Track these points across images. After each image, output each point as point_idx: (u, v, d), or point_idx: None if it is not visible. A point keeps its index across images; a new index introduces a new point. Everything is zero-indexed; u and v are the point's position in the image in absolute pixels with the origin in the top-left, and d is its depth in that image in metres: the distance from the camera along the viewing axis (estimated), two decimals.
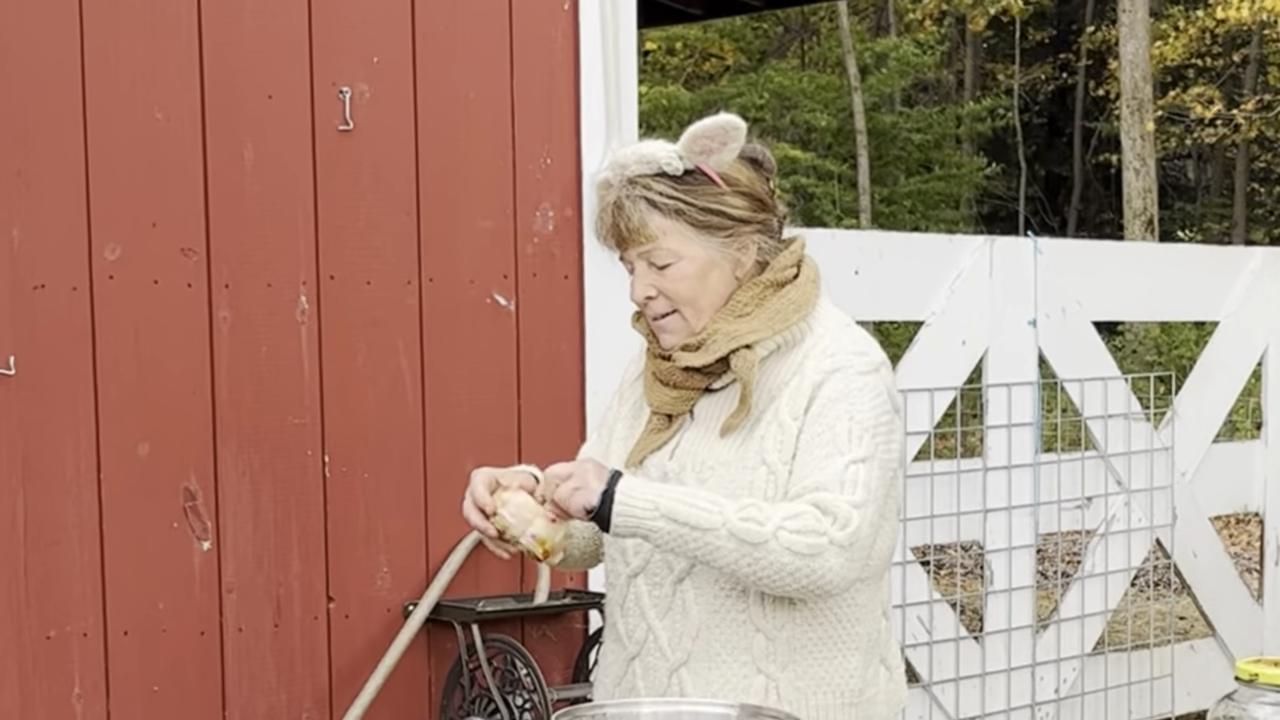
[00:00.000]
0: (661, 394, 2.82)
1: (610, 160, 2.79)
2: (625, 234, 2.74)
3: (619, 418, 2.95)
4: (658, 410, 2.83)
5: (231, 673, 4.18)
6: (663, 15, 10.19)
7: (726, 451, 2.75)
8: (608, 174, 2.77)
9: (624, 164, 2.75)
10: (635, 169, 2.73)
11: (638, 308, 2.82)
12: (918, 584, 5.22)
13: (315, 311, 4.26)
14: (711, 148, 2.75)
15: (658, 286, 2.76)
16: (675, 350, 2.78)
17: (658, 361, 2.82)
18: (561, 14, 4.60)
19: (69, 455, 3.95)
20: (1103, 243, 6.86)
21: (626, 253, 2.77)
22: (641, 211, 2.72)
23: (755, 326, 2.76)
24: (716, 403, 2.80)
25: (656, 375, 2.83)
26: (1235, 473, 6.21)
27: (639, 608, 2.80)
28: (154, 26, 4.03)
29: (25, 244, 3.88)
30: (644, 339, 2.87)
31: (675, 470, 2.78)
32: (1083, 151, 27.52)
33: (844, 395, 2.72)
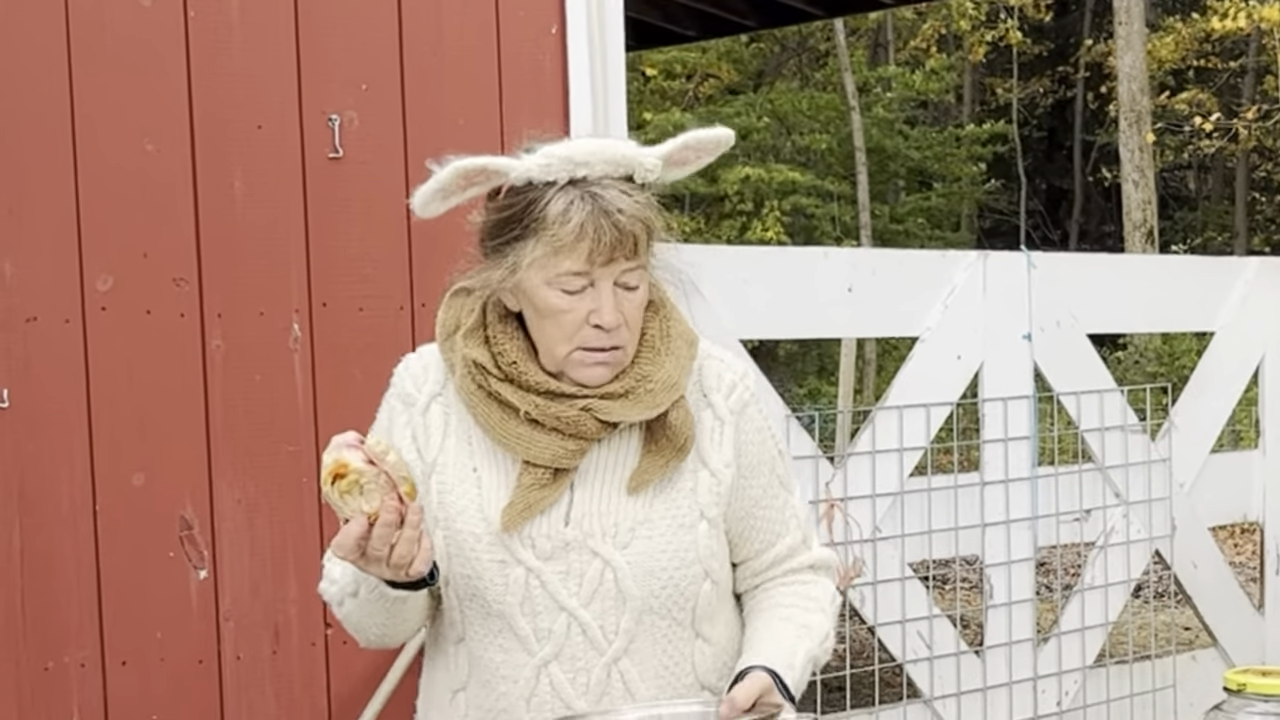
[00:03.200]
0: (549, 444, 2.39)
1: (557, 155, 2.38)
2: (620, 249, 2.35)
3: (435, 468, 2.48)
4: (543, 464, 2.40)
5: (230, 701, 4.19)
6: (656, 37, 10.23)
7: (642, 509, 2.44)
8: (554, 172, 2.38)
9: (582, 162, 2.37)
10: (601, 169, 2.37)
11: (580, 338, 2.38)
12: (917, 599, 5.22)
13: (308, 339, 4.27)
14: (690, 160, 2.47)
15: (623, 313, 2.40)
16: (589, 397, 2.40)
17: (542, 401, 2.40)
18: (549, 38, 4.62)
19: (64, 486, 3.97)
20: (1097, 255, 6.85)
21: (597, 269, 2.36)
22: (642, 224, 2.38)
23: (679, 369, 2.46)
24: (605, 453, 2.46)
25: (536, 419, 2.40)
26: (1234, 483, 6.21)
27: (559, 699, 2.45)
28: (142, 58, 4.05)
29: (17, 277, 3.90)
30: (476, 364, 2.44)
31: (578, 538, 2.42)
32: (1082, 164, 27.56)
33: (762, 428, 2.56)
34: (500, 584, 2.44)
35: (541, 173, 2.38)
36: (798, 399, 18.95)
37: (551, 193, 2.37)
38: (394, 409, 2.56)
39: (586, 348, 2.40)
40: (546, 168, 2.38)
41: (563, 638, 2.44)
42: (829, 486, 4.94)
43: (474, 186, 2.45)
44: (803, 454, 4.87)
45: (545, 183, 2.38)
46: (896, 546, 5.13)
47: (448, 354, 2.52)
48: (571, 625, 2.44)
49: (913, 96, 23.81)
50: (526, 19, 4.58)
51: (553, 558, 2.43)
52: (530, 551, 2.42)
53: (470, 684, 2.53)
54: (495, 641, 2.48)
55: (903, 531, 5.14)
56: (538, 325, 2.44)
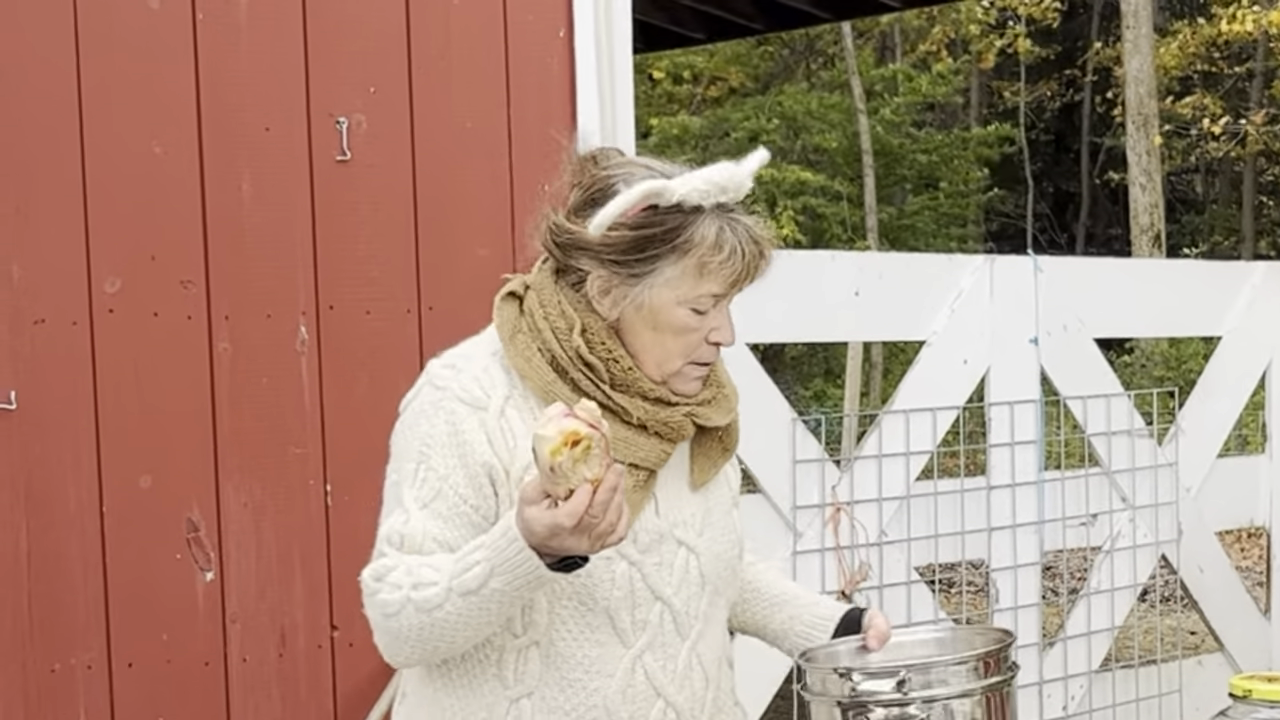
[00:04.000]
0: (651, 447, 2.51)
1: (715, 181, 2.45)
2: (757, 274, 2.49)
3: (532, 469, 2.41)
4: (647, 466, 2.52)
5: (237, 703, 4.19)
6: (664, 40, 10.23)
7: (702, 499, 2.61)
8: (704, 199, 2.45)
9: (727, 188, 2.46)
10: (736, 195, 2.48)
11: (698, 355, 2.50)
12: (923, 603, 5.22)
13: (315, 342, 4.28)
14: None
15: (733, 338, 2.55)
16: (691, 404, 2.54)
17: (652, 408, 2.50)
18: (557, 41, 4.63)
19: (71, 488, 3.97)
20: (1104, 259, 6.86)
21: (731, 290, 2.48)
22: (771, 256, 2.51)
23: (732, 381, 2.67)
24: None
25: (644, 423, 2.50)
26: (1241, 487, 6.20)
27: (652, 687, 2.53)
28: (150, 60, 4.06)
29: (25, 279, 3.90)
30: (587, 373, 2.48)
31: (667, 529, 2.54)
32: (1090, 168, 27.53)
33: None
34: (607, 579, 2.48)
35: (698, 195, 2.43)
36: (804, 402, 18.95)
37: (701, 218, 2.43)
38: (457, 413, 2.49)
39: (697, 362, 2.51)
40: (705, 194, 2.43)
41: (656, 627, 2.52)
42: (835, 490, 4.93)
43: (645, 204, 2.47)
44: (809, 457, 4.87)
45: (694, 207, 2.44)
46: (902, 550, 5.13)
47: (514, 357, 2.52)
48: (664, 614, 2.53)
49: (920, 99, 23.80)
50: (534, 22, 4.58)
51: (649, 550, 2.51)
52: (633, 546, 2.48)
53: (541, 687, 2.50)
54: (591, 637, 2.50)
55: (909, 535, 5.14)
56: (652, 338, 2.50)
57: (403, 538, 2.44)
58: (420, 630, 2.39)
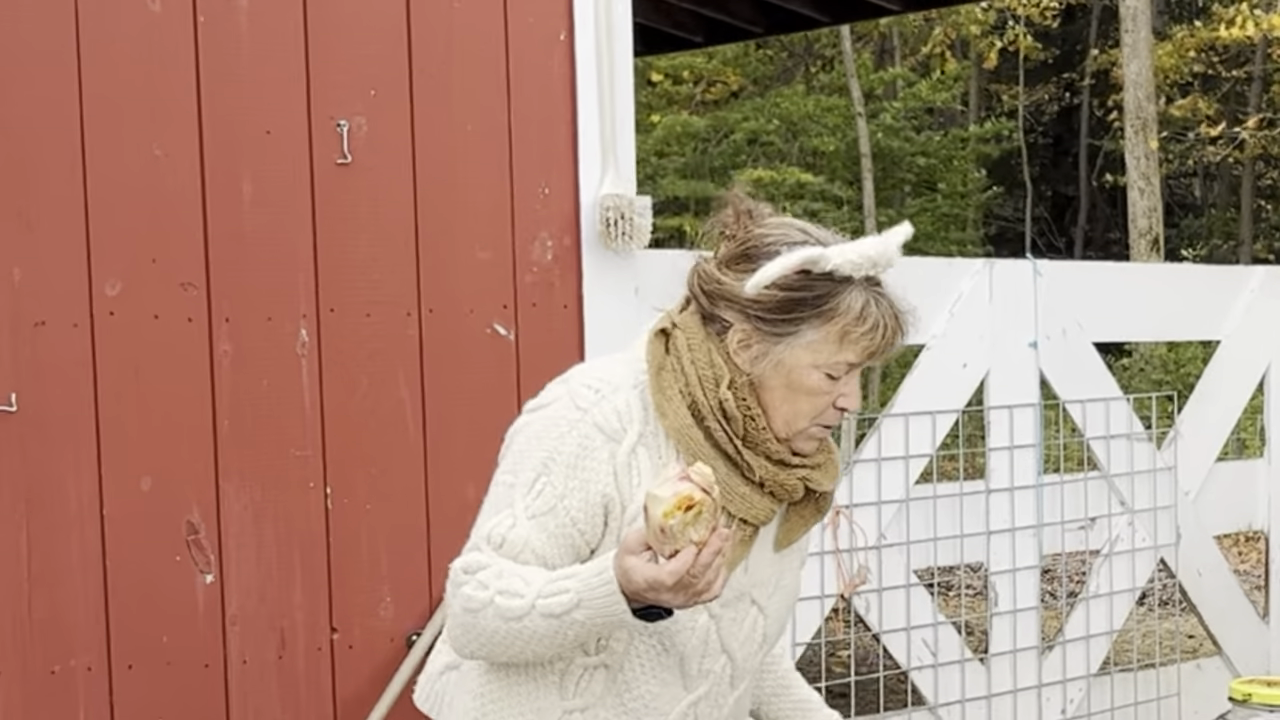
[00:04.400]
0: (764, 505, 2.58)
1: (869, 255, 2.53)
2: (892, 348, 2.59)
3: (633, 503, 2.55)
4: (756, 523, 2.60)
5: (236, 705, 4.19)
6: (663, 43, 10.24)
7: (778, 562, 2.70)
8: (862, 270, 2.54)
9: (877, 263, 2.54)
10: (884, 269, 2.57)
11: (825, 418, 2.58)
12: (922, 606, 5.23)
13: (315, 344, 4.28)
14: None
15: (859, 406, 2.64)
16: (804, 468, 2.60)
17: (774, 469, 2.57)
18: (558, 44, 4.63)
19: (71, 490, 3.97)
20: (1103, 264, 6.86)
21: (865, 361, 2.56)
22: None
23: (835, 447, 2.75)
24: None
25: (764, 482, 2.57)
26: (1239, 491, 6.21)
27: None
28: (151, 62, 4.06)
29: (26, 282, 3.91)
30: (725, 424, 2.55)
31: (748, 586, 2.64)
32: (1088, 171, 27.54)
33: None
34: (689, 627, 2.56)
35: (851, 266, 2.50)
36: None
37: (850, 288, 2.51)
38: (591, 439, 2.54)
39: (820, 424, 2.58)
40: (858, 266, 2.50)
41: (717, 677, 2.64)
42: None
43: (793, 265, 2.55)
44: None
45: (845, 278, 2.51)
46: (902, 554, 5.14)
47: (656, 394, 2.57)
48: (726, 666, 2.65)
49: (920, 104, 23.81)
50: (535, 26, 4.59)
51: (729, 605, 2.60)
52: (716, 601, 2.52)
53: (598, 707, 2.59)
54: (657, 675, 2.60)
55: (908, 539, 5.15)
56: (784, 397, 2.56)
57: (504, 540, 2.50)
58: (495, 634, 2.46)
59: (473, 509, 4.45)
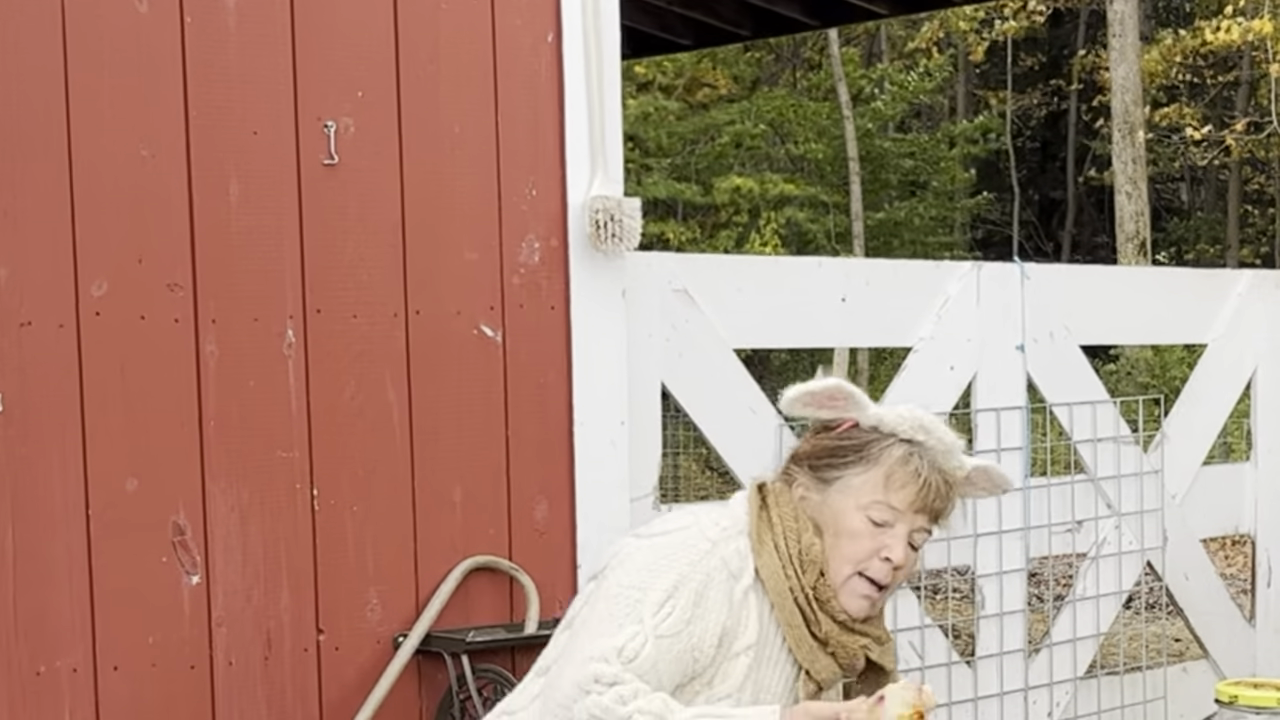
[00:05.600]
0: (829, 665, 2.79)
1: (914, 419, 2.83)
2: (936, 509, 2.80)
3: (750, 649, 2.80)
4: (821, 680, 2.80)
5: (222, 706, 4.18)
6: (651, 45, 10.23)
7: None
8: (904, 430, 2.81)
9: (931, 433, 2.82)
10: (936, 445, 2.82)
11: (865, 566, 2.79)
12: (909, 609, 5.23)
13: (302, 345, 4.27)
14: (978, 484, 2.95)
15: (905, 562, 2.80)
16: (867, 642, 2.80)
17: (838, 630, 2.78)
18: (545, 46, 4.63)
19: (57, 491, 3.96)
20: (1090, 267, 6.85)
21: (910, 515, 2.78)
22: (953, 502, 2.86)
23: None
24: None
25: (827, 641, 2.78)
26: (1226, 495, 6.22)
27: None
28: (138, 63, 4.05)
29: (11, 282, 3.89)
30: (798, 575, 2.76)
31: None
32: (1075, 175, 27.57)
33: None
34: None
35: (895, 423, 2.81)
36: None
37: (894, 441, 2.80)
38: (716, 574, 2.75)
39: (866, 576, 2.76)
40: (901, 420, 2.81)
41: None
42: None
43: (832, 407, 2.81)
44: None
45: (890, 432, 2.80)
46: None
47: (754, 541, 2.79)
48: None
49: (908, 97, 23.82)
50: (523, 27, 4.58)
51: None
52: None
53: None
54: None
55: None
56: (832, 544, 2.77)
57: (636, 656, 2.68)
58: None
59: (459, 510, 4.48)
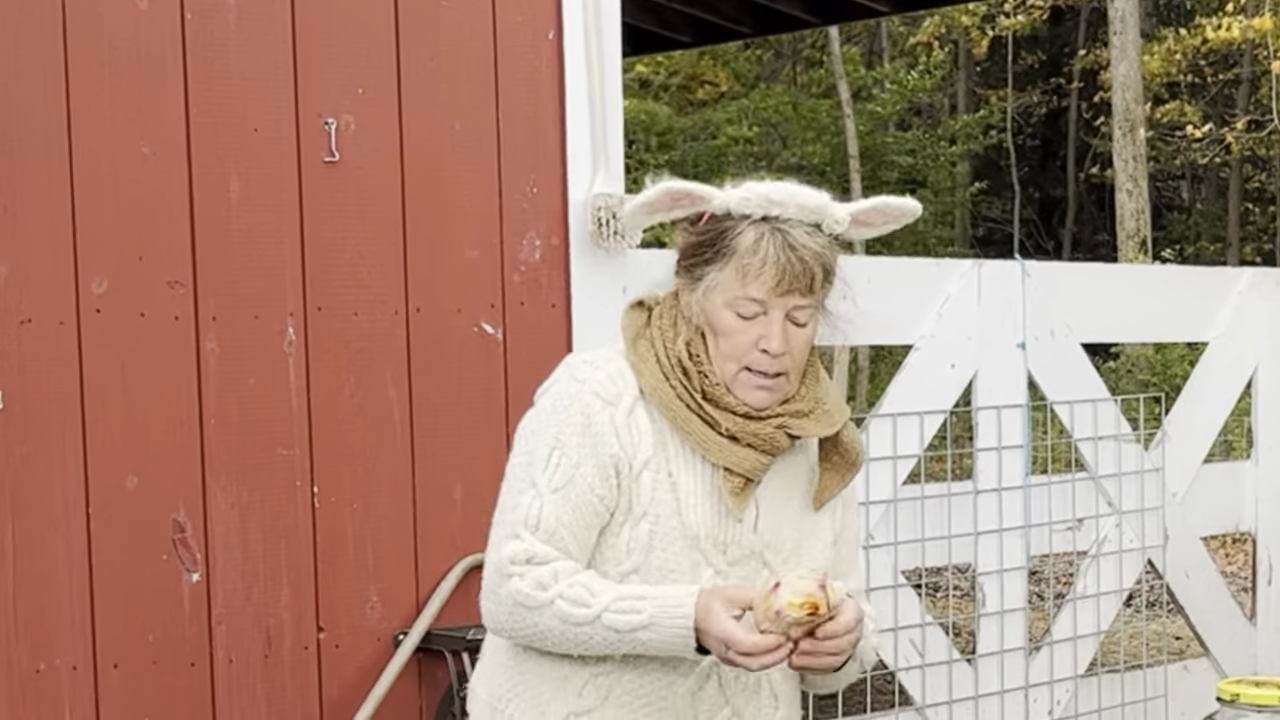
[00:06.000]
0: (746, 456, 2.61)
1: (758, 192, 2.60)
2: (797, 283, 2.57)
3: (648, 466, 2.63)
4: (744, 473, 2.62)
5: (222, 704, 4.18)
6: (652, 43, 10.23)
7: (797, 526, 2.69)
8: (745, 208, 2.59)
9: (778, 202, 2.59)
10: (794, 212, 2.59)
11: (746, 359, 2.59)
12: (910, 607, 5.23)
13: (303, 343, 4.27)
14: (876, 223, 2.72)
15: (789, 343, 2.60)
16: (782, 415, 2.62)
17: (741, 421, 2.60)
18: (546, 43, 4.62)
19: (57, 488, 3.96)
20: (1091, 265, 6.85)
21: (774, 299, 2.57)
22: (822, 266, 2.59)
23: (840, 396, 2.73)
24: (779, 473, 2.69)
25: (733, 434, 2.61)
26: (1226, 493, 6.21)
27: (722, 694, 2.67)
28: (139, 60, 4.05)
29: (12, 279, 3.89)
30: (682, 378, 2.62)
31: (759, 547, 2.66)
32: (1076, 173, 27.56)
33: (855, 486, 2.80)
34: (692, 581, 2.60)
35: (740, 205, 2.60)
36: None
37: (745, 225, 2.60)
38: (592, 407, 2.63)
39: (751, 369, 2.60)
40: (746, 201, 2.60)
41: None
42: None
43: (679, 208, 2.65)
44: None
45: (741, 215, 2.60)
46: (890, 554, 5.14)
47: (634, 360, 2.67)
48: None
49: (907, 96, 23.81)
50: (523, 24, 4.58)
51: (738, 564, 2.64)
52: (722, 556, 2.63)
53: (621, 671, 2.63)
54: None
55: (896, 539, 5.15)
56: (713, 343, 2.64)
57: (539, 521, 2.59)
58: (548, 632, 2.58)
59: (460, 508, 4.48)
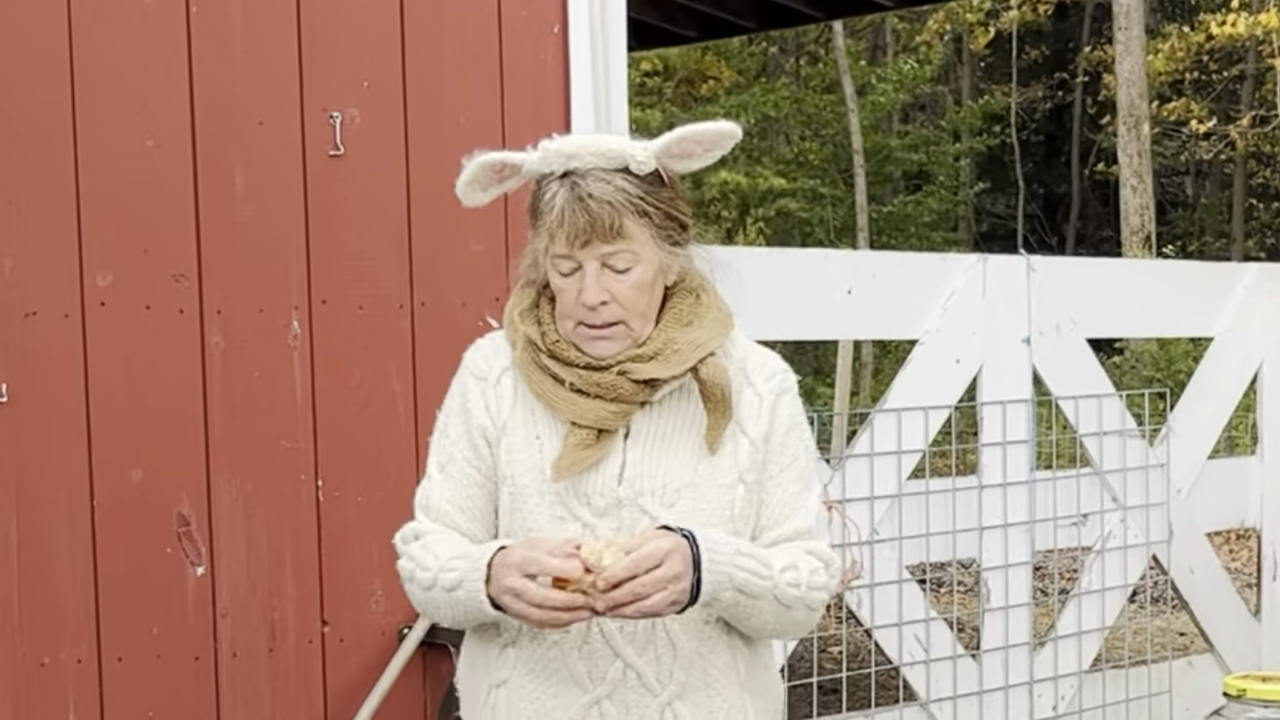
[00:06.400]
0: (592, 407, 2.59)
1: (552, 149, 2.58)
2: (593, 232, 2.53)
3: (506, 431, 2.66)
4: (589, 425, 2.59)
5: (226, 698, 4.18)
6: (656, 37, 10.22)
7: (688, 471, 2.61)
8: (545, 166, 2.58)
9: (573, 154, 2.56)
10: (592, 161, 2.55)
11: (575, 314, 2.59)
12: (914, 602, 5.22)
13: (307, 336, 4.27)
14: (695, 153, 2.61)
15: (611, 292, 2.57)
16: (623, 361, 2.59)
17: (584, 372, 2.59)
18: (551, 37, 4.62)
19: (62, 482, 3.96)
20: (1096, 260, 6.86)
21: (579, 252, 2.55)
22: (616, 210, 2.53)
23: (709, 334, 2.64)
24: (655, 417, 2.64)
25: (579, 387, 2.59)
26: (1231, 488, 6.21)
27: (609, 647, 2.59)
28: (144, 54, 4.05)
29: (17, 272, 3.89)
30: (534, 342, 2.64)
31: (629, 496, 2.59)
32: (1080, 169, 27.55)
33: (796, 422, 2.71)
34: (558, 535, 2.58)
35: (540, 165, 2.59)
36: None
37: (548, 183, 2.59)
38: (467, 384, 2.72)
39: (584, 324, 2.60)
40: (544, 160, 2.59)
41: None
42: (827, 488, 4.93)
43: (509, 179, 2.68)
44: None
45: (545, 174, 2.60)
46: (894, 549, 5.13)
47: (510, 334, 2.70)
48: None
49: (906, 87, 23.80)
50: (529, 18, 4.58)
51: (606, 514, 2.60)
52: (586, 508, 2.60)
53: (522, 638, 2.64)
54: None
55: (900, 534, 5.14)
56: (556, 303, 2.65)
57: (426, 499, 2.69)
58: (420, 602, 2.66)
59: None
